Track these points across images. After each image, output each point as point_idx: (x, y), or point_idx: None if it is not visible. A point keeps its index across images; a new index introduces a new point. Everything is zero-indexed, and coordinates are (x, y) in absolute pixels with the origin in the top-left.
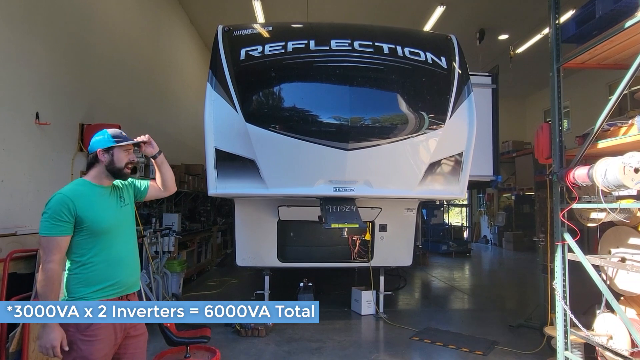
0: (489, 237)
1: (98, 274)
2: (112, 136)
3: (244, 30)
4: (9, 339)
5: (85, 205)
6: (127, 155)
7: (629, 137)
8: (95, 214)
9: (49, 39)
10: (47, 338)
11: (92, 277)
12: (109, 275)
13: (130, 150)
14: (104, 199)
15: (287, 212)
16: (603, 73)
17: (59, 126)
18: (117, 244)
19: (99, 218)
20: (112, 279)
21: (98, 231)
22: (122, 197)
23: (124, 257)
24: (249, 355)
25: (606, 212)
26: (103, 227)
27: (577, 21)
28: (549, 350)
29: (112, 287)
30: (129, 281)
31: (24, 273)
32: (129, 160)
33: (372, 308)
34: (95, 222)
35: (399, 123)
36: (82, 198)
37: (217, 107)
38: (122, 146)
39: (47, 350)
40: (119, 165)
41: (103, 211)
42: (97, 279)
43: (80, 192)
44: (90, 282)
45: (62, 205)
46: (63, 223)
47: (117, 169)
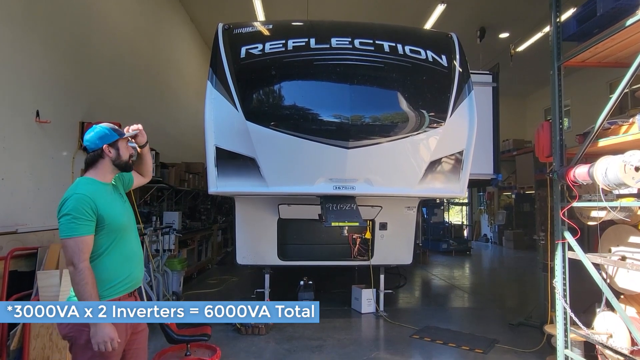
0: (489, 235)
1: (112, 271)
2: (113, 130)
3: (244, 28)
4: (10, 337)
5: (104, 204)
6: (128, 148)
7: (630, 135)
8: (112, 211)
9: (49, 37)
10: (101, 334)
11: (106, 275)
12: (122, 271)
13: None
14: (113, 196)
15: (288, 210)
16: (604, 71)
17: (59, 124)
18: (129, 239)
19: (116, 215)
20: (125, 274)
21: (116, 228)
22: (121, 193)
23: (136, 251)
24: (250, 353)
25: (606, 211)
26: (120, 224)
27: (578, 19)
28: (549, 348)
29: (124, 282)
30: (139, 276)
31: (24, 271)
32: (130, 153)
33: (372, 306)
34: (114, 219)
35: (400, 121)
36: (99, 196)
37: (217, 105)
38: (125, 139)
39: (105, 345)
40: (125, 158)
41: (116, 208)
42: (111, 276)
43: (94, 191)
44: (103, 279)
45: (84, 204)
46: (87, 222)
47: (124, 162)
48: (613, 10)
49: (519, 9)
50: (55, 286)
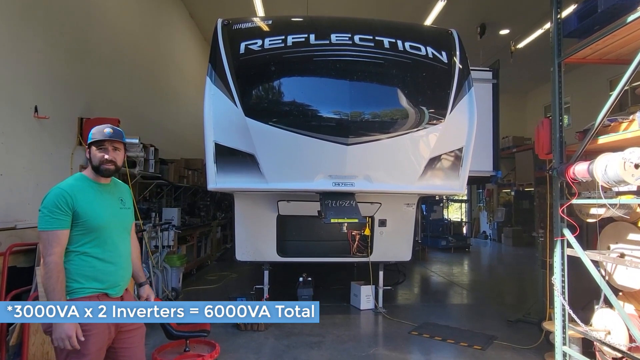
0: (488, 232)
1: (89, 270)
2: (92, 133)
3: (244, 23)
4: (9, 333)
5: (83, 200)
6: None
7: (630, 132)
8: (92, 209)
9: (48, 32)
10: (60, 330)
11: (84, 272)
12: (100, 273)
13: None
14: (102, 196)
15: (287, 206)
16: (604, 68)
17: (58, 120)
18: (111, 242)
19: (95, 214)
20: (98, 274)
21: (93, 227)
22: (122, 199)
23: (116, 255)
24: (249, 349)
25: (606, 208)
26: (99, 223)
27: (579, 16)
28: (547, 345)
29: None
30: (117, 280)
31: (23, 266)
32: (107, 159)
33: (371, 303)
34: (91, 217)
35: (399, 118)
36: (80, 193)
37: (216, 101)
38: (96, 143)
39: (63, 342)
40: (93, 162)
41: (100, 208)
42: (89, 275)
43: (78, 187)
44: (81, 277)
45: (60, 199)
46: (62, 216)
47: (94, 166)
48: (614, 7)
49: (520, 5)
50: None
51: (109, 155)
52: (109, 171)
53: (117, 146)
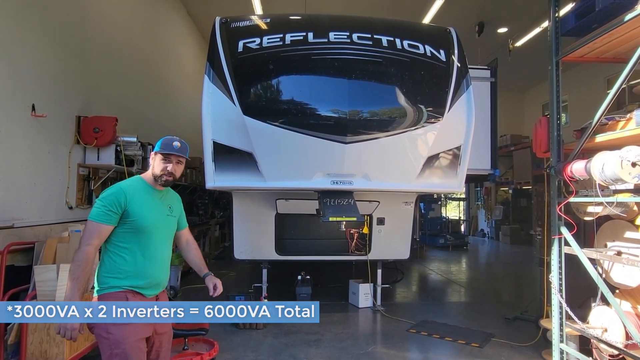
0: (486, 230)
1: (130, 268)
2: (161, 143)
3: (242, 22)
4: (7, 331)
5: (136, 201)
6: (166, 164)
7: (627, 131)
8: (142, 211)
9: (45, 30)
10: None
11: (124, 270)
12: (140, 272)
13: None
14: (154, 201)
15: (285, 205)
16: (602, 67)
17: (56, 118)
18: (156, 244)
19: (144, 216)
20: (143, 276)
21: (140, 227)
22: (170, 206)
23: (159, 256)
24: (247, 347)
25: (603, 206)
26: (146, 225)
27: (577, 14)
28: (545, 342)
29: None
30: (158, 279)
31: (21, 265)
32: (169, 171)
33: (369, 301)
34: (140, 218)
35: (398, 116)
36: (136, 194)
37: (214, 99)
38: (163, 154)
39: (65, 332)
40: (155, 171)
41: (150, 211)
42: (129, 273)
43: (135, 188)
44: (121, 274)
45: (116, 197)
46: (112, 213)
47: (155, 175)
48: (612, 6)
49: (518, 3)
50: (52, 280)
51: (171, 168)
52: (168, 182)
53: (181, 160)
